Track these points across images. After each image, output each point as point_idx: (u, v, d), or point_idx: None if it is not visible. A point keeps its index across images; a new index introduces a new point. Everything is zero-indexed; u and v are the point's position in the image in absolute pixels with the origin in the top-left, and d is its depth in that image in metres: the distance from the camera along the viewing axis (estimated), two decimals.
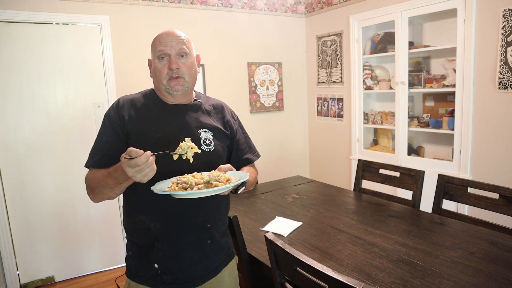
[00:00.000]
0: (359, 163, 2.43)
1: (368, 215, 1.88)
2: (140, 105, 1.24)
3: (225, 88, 3.56)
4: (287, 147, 4.08)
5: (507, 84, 2.36)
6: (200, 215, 1.19)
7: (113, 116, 1.20)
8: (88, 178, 1.16)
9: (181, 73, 1.20)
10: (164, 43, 1.19)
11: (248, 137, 1.47)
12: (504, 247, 1.45)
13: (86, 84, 2.85)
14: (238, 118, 1.45)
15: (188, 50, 1.23)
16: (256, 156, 1.46)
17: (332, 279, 0.95)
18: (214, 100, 1.39)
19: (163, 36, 1.20)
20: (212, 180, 1.07)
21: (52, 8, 2.68)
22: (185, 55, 1.22)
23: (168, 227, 1.17)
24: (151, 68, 1.26)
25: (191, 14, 3.29)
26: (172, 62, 1.18)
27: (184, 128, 1.21)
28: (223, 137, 1.31)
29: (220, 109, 1.37)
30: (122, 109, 1.21)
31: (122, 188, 1.07)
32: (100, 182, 1.09)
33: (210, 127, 1.27)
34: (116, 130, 1.18)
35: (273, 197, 2.28)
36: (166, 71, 1.19)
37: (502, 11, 2.34)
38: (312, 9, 3.90)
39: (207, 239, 1.22)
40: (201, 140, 1.22)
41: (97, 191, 1.12)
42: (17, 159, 2.66)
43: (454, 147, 2.72)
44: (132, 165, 0.93)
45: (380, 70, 3.42)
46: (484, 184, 1.80)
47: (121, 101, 1.24)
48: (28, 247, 2.74)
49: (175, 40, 1.20)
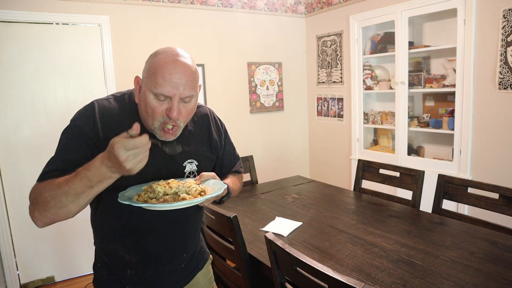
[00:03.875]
0: (359, 163, 2.43)
1: (368, 215, 1.88)
2: (117, 119, 1.00)
3: (225, 88, 3.56)
4: (287, 147, 4.08)
5: (507, 84, 2.36)
6: (178, 250, 1.15)
7: (86, 126, 0.97)
8: (38, 189, 0.89)
9: (178, 121, 0.97)
10: (170, 84, 0.92)
11: (234, 148, 1.32)
12: (504, 247, 1.45)
13: (86, 84, 2.85)
14: (224, 128, 1.26)
15: (195, 93, 0.98)
16: (242, 168, 1.36)
17: (332, 279, 0.95)
18: (199, 112, 1.16)
19: (169, 71, 0.92)
20: (181, 192, 0.94)
21: (52, 8, 2.68)
22: (189, 100, 0.97)
23: (144, 261, 1.09)
24: (140, 93, 0.97)
25: (191, 14, 3.29)
26: (173, 110, 0.93)
27: (167, 161, 1.06)
28: (208, 162, 1.18)
29: (206, 123, 1.17)
30: (97, 120, 0.97)
31: (91, 195, 0.85)
32: (60, 189, 0.84)
33: (195, 156, 1.12)
34: (87, 142, 0.96)
35: (273, 197, 2.28)
36: (162, 114, 0.94)
37: (502, 11, 2.34)
38: (312, 9, 3.90)
39: (181, 264, 1.18)
40: (185, 174, 1.10)
41: (52, 204, 0.84)
42: (17, 159, 2.66)
43: (454, 147, 2.72)
44: (130, 147, 0.76)
45: (380, 70, 3.42)
46: (484, 184, 1.80)
47: (96, 108, 0.99)
48: (28, 247, 2.74)
49: (184, 79, 0.93)
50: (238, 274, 1.59)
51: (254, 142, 3.79)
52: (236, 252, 1.52)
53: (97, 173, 0.81)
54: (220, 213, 1.50)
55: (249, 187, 2.57)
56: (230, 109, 3.60)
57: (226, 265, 1.69)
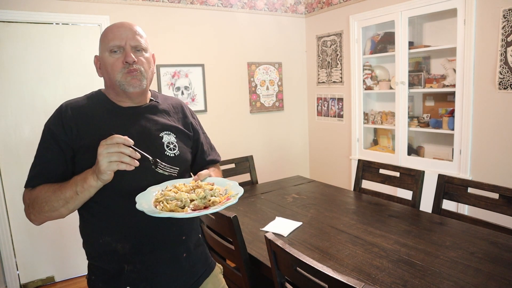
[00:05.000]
0: (359, 163, 2.43)
1: (368, 215, 1.88)
2: (88, 112, 1.06)
3: (225, 88, 3.56)
4: (287, 147, 4.08)
5: (507, 84, 2.36)
6: (174, 228, 1.08)
7: (57, 128, 1.01)
8: (33, 195, 0.99)
9: (138, 66, 1.04)
10: (119, 36, 1.03)
11: (208, 138, 1.35)
12: (504, 247, 1.45)
13: (86, 84, 2.84)
14: (197, 118, 1.33)
15: (145, 45, 1.08)
16: (219, 157, 1.35)
17: (332, 279, 0.95)
18: (172, 99, 1.25)
19: (116, 28, 1.05)
20: (209, 196, 0.95)
21: (52, 8, 2.68)
22: (142, 50, 1.07)
23: (139, 248, 1.04)
24: (99, 65, 1.09)
25: (191, 14, 3.29)
26: (128, 55, 1.02)
27: (144, 133, 1.07)
28: (186, 139, 1.18)
29: (180, 109, 1.24)
30: (67, 119, 1.02)
31: (77, 202, 0.94)
32: (54, 195, 0.95)
33: (172, 129, 1.14)
34: (60, 145, 1.00)
35: (273, 197, 2.28)
36: (121, 65, 1.03)
37: (502, 11, 2.34)
38: (312, 9, 3.90)
39: (183, 253, 1.11)
40: (164, 144, 1.09)
41: (46, 208, 0.96)
42: (17, 159, 2.65)
43: (454, 147, 2.72)
44: (107, 141, 0.87)
45: (380, 70, 3.42)
46: (484, 184, 1.80)
47: (63, 109, 1.05)
48: (28, 247, 2.74)
49: (131, 33, 1.05)
50: (238, 274, 1.59)
51: (254, 142, 3.79)
52: (236, 252, 1.52)
53: (83, 177, 0.91)
54: (220, 213, 1.50)
55: (249, 187, 2.56)
56: (230, 109, 3.60)
57: (226, 265, 1.69)
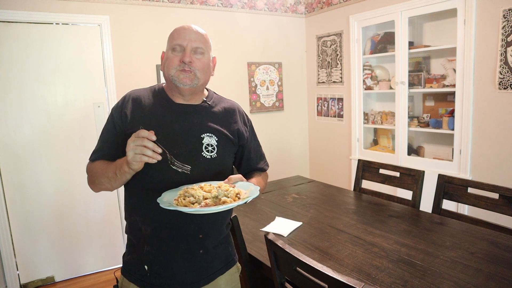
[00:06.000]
0: (359, 163, 2.43)
1: (368, 215, 1.88)
2: (145, 103, 1.17)
3: (225, 88, 3.55)
4: (287, 147, 4.08)
5: (507, 84, 2.36)
6: (192, 226, 1.13)
7: (116, 113, 1.17)
8: (90, 169, 1.18)
9: (193, 68, 1.12)
10: (183, 36, 1.12)
11: (259, 146, 1.39)
12: (504, 247, 1.45)
13: (86, 84, 2.85)
14: (251, 125, 1.35)
15: (205, 49, 1.16)
16: (267, 166, 1.39)
17: (332, 279, 0.95)
18: (227, 102, 1.28)
19: (183, 29, 1.14)
20: (221, 196, 1.00)
21: (52, 8, 2.68)
22: (201, 53, 1.14)
23: (157, 233, 1.12)
24: (163, 60, 1.19)
25: (191, 14, 3.29)
26: (186, 55, 1.11)
27: (185, 132, 1.14)
28: (228, 143, 1.21)
29: (232, 113, 1.26)
30: (126, 107, 1.16)
31: (119, 181, 1.08)
32: (101, 172, 1.10)
33: (215, 132, 1.18)
34: (116, 129, 1.15)
35: (273, 197, 2.28)
36: (178, 62, 1.11)
37: (502, 11, 2.34)
38: (312, 9, 3.90)
39: (199, 249, 1.16)
40: (203, 145, 1.14)
41: (97, 182, 1.13)
42: (17, 159, 2.66)
43: (454, 147, 2.72)
44: (135, 135, 0.95)
45: (380, 70, 3.42)
46: (484, 184, 1.80)
47: (127, 97, 1.19)
48: (28, 247, 2.74)
49: (194, 35, 1.13)
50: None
51: None
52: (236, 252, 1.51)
53: (121, 162, 1.02)
54: None
55: None
56: None
57: None
